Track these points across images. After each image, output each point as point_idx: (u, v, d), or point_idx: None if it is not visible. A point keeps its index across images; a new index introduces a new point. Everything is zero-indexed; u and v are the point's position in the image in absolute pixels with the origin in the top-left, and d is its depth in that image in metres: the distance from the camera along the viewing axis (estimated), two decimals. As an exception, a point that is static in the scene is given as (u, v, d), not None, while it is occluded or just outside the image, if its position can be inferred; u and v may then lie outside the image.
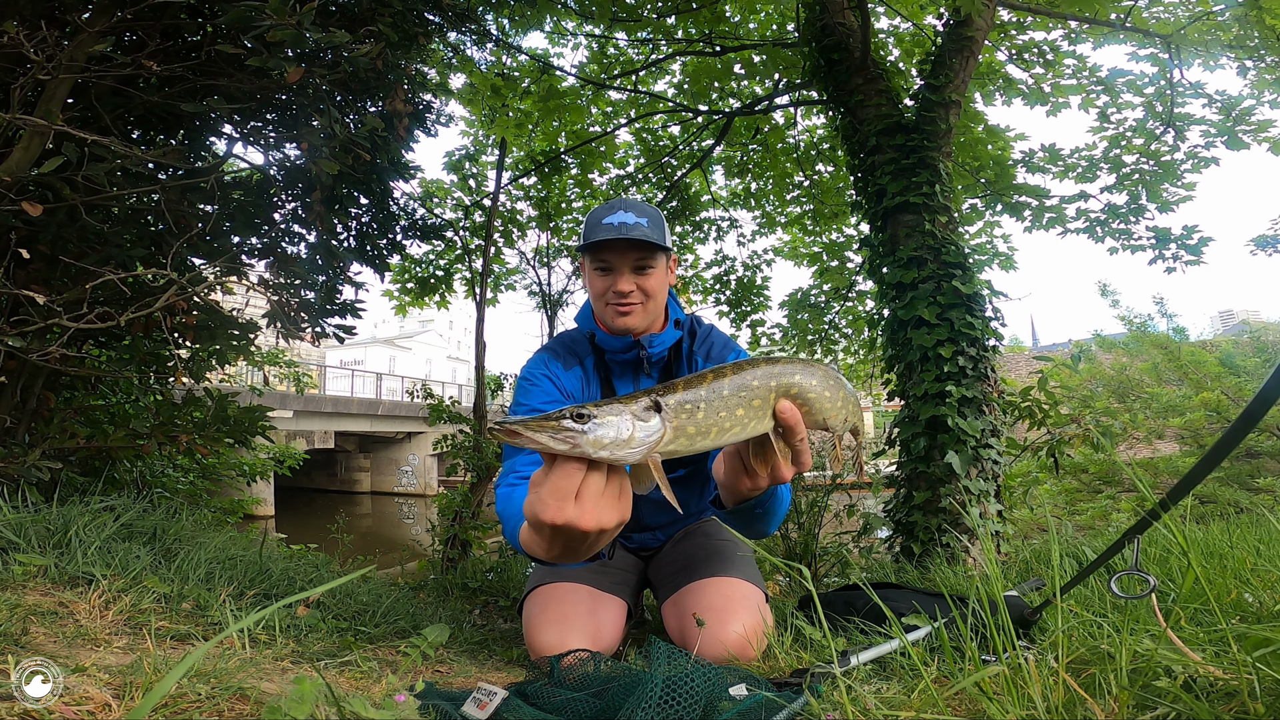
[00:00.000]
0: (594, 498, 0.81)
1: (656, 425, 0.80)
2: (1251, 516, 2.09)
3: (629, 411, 0.79)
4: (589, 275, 1.55)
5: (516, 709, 0.92)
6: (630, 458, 0.79)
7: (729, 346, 1.69)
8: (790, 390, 0.91)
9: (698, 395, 0.84)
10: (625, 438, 0.78)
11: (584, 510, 0.81)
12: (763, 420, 0.90)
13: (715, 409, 0.84)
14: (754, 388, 0.88)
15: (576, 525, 0.81)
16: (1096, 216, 5.14)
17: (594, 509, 0.81)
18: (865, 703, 0.81)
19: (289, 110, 2.68)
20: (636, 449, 0.79)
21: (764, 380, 0.89)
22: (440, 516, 4.43)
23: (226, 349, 2.68)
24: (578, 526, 0.81)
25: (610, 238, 1.45)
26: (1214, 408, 7.41)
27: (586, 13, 5.02)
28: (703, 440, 0.84)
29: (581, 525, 0.81)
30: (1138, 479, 1.29)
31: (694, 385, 0.84)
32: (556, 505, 0.80)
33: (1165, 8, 4.78)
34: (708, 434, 0.84)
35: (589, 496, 0.81)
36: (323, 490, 23.25)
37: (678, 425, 0.82)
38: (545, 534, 0.85)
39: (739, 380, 0.87)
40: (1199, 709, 0.65)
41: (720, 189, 7.15)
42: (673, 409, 0.82)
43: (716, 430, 0.85)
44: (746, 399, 0.87)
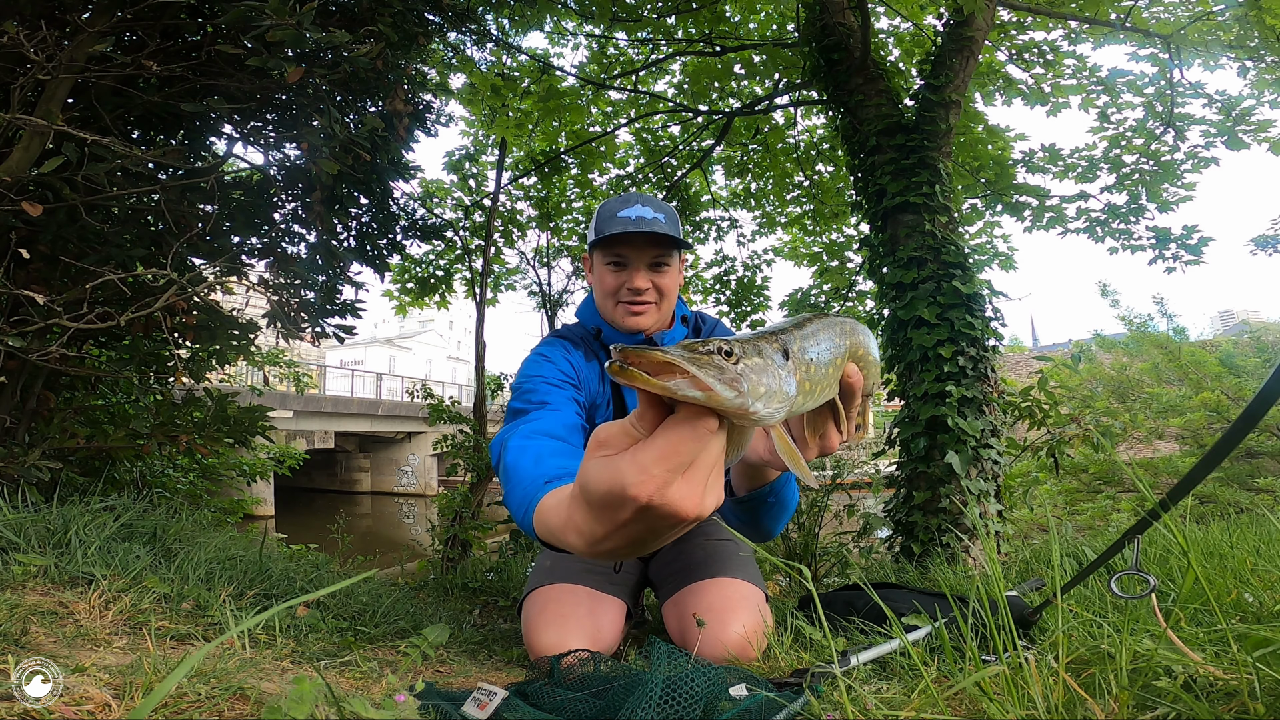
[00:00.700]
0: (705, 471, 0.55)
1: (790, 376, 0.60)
2: (1251, 516, 2.09)
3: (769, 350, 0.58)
4: (599, 271, 1.47)
5: (516, 709, 0.92)
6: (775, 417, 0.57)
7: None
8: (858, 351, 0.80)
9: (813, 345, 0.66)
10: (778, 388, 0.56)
11: (692, 489, 0.54)
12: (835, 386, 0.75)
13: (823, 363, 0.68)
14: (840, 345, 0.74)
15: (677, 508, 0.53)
16: (1096, 216, 5.14)
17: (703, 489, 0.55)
18: (865, 703, 0.81)
19: (289, 110, 2.68)
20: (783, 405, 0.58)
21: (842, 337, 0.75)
22: (440, 516, 4.44)
23: (226, 349, 2.68)
24: (678, 510, 0.54)
25: (628, 231, 1.37)
26: (1214, 408, 7.41)
27: (586, 13, 5.02)
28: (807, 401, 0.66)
29: (684, 509, 0.54)
30: (1138, 479, 1.30)
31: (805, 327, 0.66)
32: (663, 477, 0.52)
33: (1165, 8, 4.78)
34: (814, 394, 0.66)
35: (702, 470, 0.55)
36: (323, 490, 23.25)
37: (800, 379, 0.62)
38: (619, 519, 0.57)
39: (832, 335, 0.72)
40: (1199, 709, 0.65)
41: (720, 189, 7.15)
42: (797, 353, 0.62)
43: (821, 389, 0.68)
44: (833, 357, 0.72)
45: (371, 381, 25.47)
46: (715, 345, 0.53)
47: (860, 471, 4.61)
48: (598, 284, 1.50)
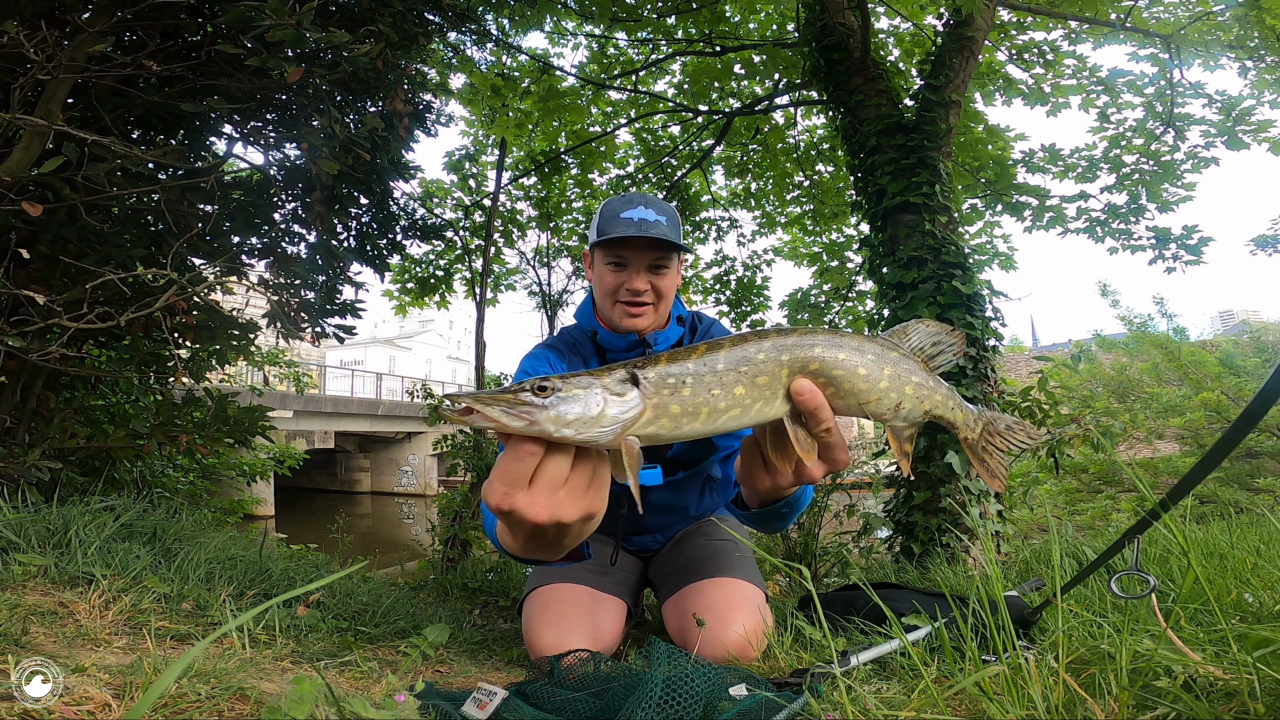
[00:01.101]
0: (550, 485, 0.68)
1: (634, 401, 0.68)
2: (1251, 516, 2.09)
3: (600, 384, 0.67)
4: (599, 270, 1.48)
5: (516, 709, 0.92)
6: (600, 439, 0.67)
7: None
8: (809, 365, 0.75)
9: (685, 368, 0.71)
10: (594, 415, 0.66)
11: (535, 500, 0.68)
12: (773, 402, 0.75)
13: (706, 384, 0.71)
14: (759, 361, 0.73)
15: (525, 515, 0.68)
16: (1096, 216, 5.14)
17: (548, 499, 0.68)
18: (865, 703, 0.81)
19: (289, 110, 2.68)
20: (607, 429, 0.66)
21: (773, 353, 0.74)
22: (440, 516, 4.43)
23: (226, 349, 2.68)
24: (527, 517, 0.68)
25: (630, 234, 1.39)
26: (1214, 408, 7.41)
27: (586, 13, 5.02)
28: (691, 422, 0.71)
29: (531, 516, 0.68)
30: (1138, 479, 1.30)
31: (681, 358, 0.72)
32: (504, 490, 0.68)
33: (1165, 8, 4.78)
34: (696, 415, 0.71)
35: (545, 484, 0.68)
36: (323, 490, 23.24)
37: (659, 403, 0.69)
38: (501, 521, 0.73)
39: (739, 352, 0.73)
40: (1199, 709, 0.65)
41: (720, 189, 7.15)
42: (653, 383, 0.69)
43: (708, 411, 0.71)
44: (749, 375, 0.72)
45: (371, 381, 25.47)
46: (531, 383, 0.65)
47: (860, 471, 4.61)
48: (597, 283, 1.51)
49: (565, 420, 0.65)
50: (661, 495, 1.66)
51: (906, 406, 0.80)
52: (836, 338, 0.77)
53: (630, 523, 1.74)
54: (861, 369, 0.77)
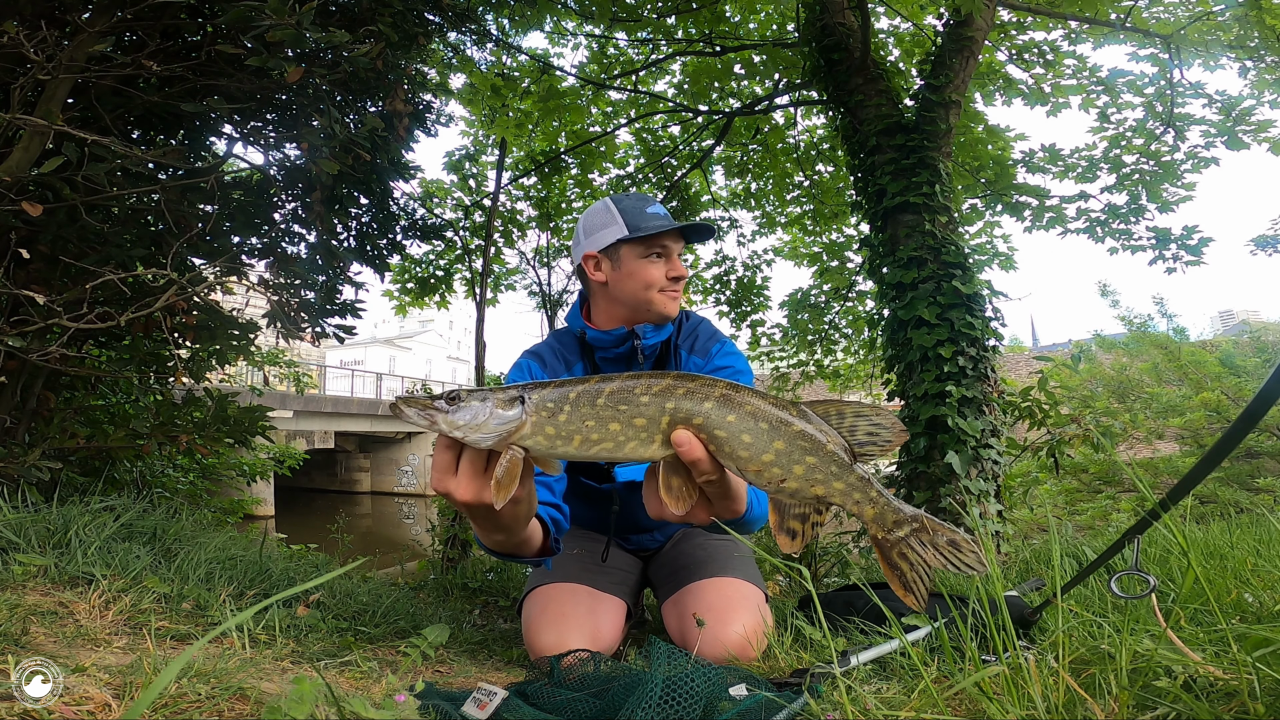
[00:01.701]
0: (469, 472, 0.86)
1: (515, 415, 0.80)
2: (1251, 516, 2.09)
3: (494, 399, 0.81)
4: (636, 265, 1.52)
5: (516, 709, 0.92)
6: (481, 442, 0.81)
7: (714, 337, 1.66)
8: (692, 418, 0.77)
9: (564, 395, 0.80)
10: (479, 422, 0.80)
11: (460, 483, 0.86)
12: (649, 445, 0.79)
13: (581, 415, 0.79)
14: (640, 403, 0.78)
15: (456, 496, 0.87)
16: (1096, 216, 5.14)
17: (469, 484, 0.86)
18: (865, 703, 0.81)
19: (289, 110, 2.68)
20: (488, 435, 0.80)
21: (656, 400, 0.77)
22: (440, 516, 4.43)
23: (226, 349, 2.68)
24: (457, 498, 0.87)
25: (667, 227, 1.49)
26: (1214, 408, 7.41)
27: (586, 13, 5.02)
28: (564, 445, 0.80)
29: (459, 496, 0.87)
30: (1138, 479, 1.30)
31: (567, 385, 0.81)
32: (438, 476, 0.88)
33: (1165, 8, 4.78)
34: (570, 440, 0.80)
35: (465, 471, 0.86)
36: (323, 490, 23.24)
37: (536, 422, 0.80)
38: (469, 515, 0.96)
39: (622, 391, 0.78)
40: (1199, 709, 0.65)
41: (720, 189, 7.15)
42: (534, 404, 0.80)
43: (580, 439, 0.80)
44: (626, 415, 0.78)
45: (371, 381, 25.49)
46: (446, 394, 0.82)
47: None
48: (632, 278, 1.53)
49: (456, 425, 0.81)
50: None
51: (792, 485, 0.78)
52: (736, 397, 0.77)
53: (627, 520, 1.74)
54: (746, 435, 0.76)
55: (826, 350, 6.85)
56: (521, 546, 1.15)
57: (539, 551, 1.24)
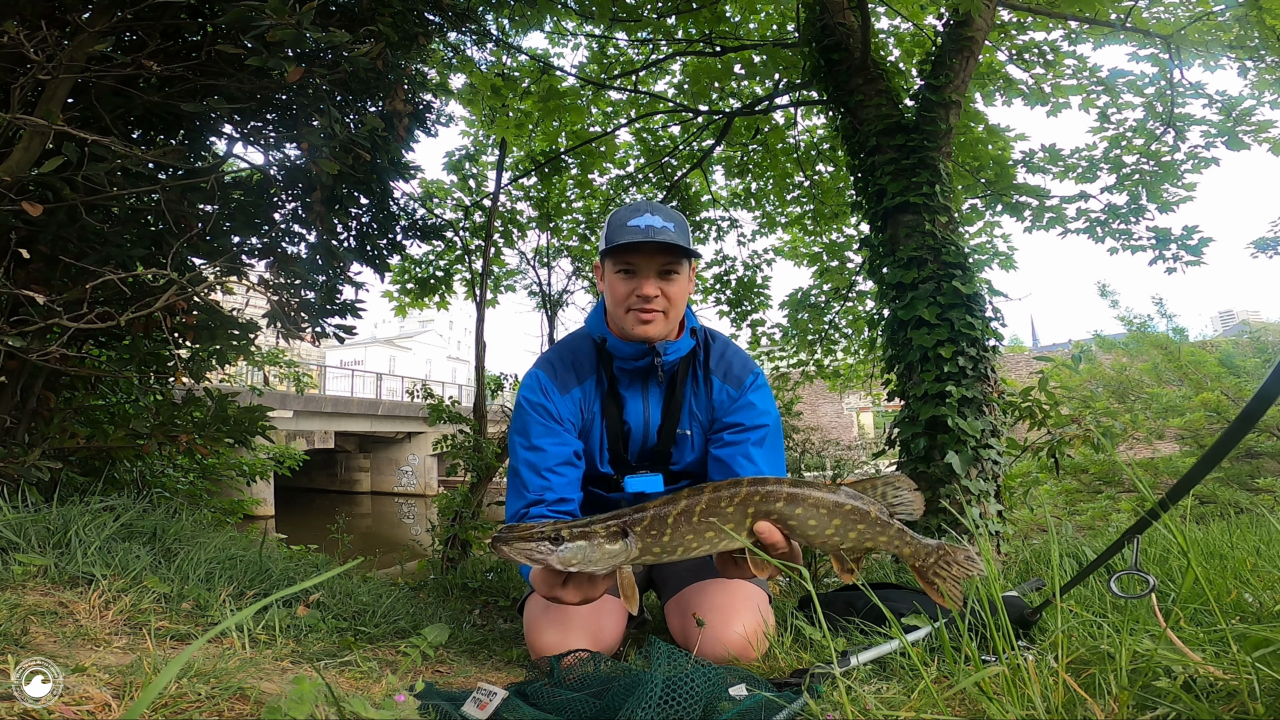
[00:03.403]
0: (577, 585, 1.06)
1: (621, 548, 0.97)
2: (1251, 516, 2.08)
3: (599, 537, 0.96)
4: (610, 279, 1.49)
5: (516, 709, 0.92)
6: (597, 571, 0.98)
7: (748, 368, 1.61)
8: (770, 515, 0.98)
9: (663, 520, 0.97)
10: (592, 558, 0.97)
11: (568, 592, 1.08)
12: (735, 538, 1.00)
13: (681, 532, 0.97)
14: (727, 513, 0.97)
15: (565, 600, 1.08)
16: (1096, 216, 5.14)
17: (577, 590, 1.06)
18: (865, 703, 0.81)
19: (289, 110, 2.68)
20: (601, 566, 0.97)
21: (740, 508, 0.98)
22: (440, 516, 4.43)
23: (226, 349, 2.68)
24: (567, 600, 1.08)
25: (638, 240, 1.40)
26: (1214, 408, 7.41)
27: (586, 13, 5.02)
28: (669, 556, 0.99)
29: (568, 600, 1.08)
30: (1138, 479, 1.29)
31: (663, 508, 0.97)
32: (546, 588, 1.07)
33: (1165, 8, 4.78)
34: (673, 552, 0.98)
35: (573, 585, 1.06)
36: (323, 490, 23.24)
37: (644, 546, 0.97)
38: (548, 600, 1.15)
39: (710, 507, 0.97)
40: (1199, 709, 0.65)
41: (720, 189, 7.15)
42: (639, 534, 0.97)
43: (683, 549, 0.99)
44: (717, 523, 0.98)
45: (371, 381, 25.47)
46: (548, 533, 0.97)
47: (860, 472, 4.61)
48: (609, 292, 1.51)
49: (569, 561, 0.97)
50: None
51: (849, 546, 1.03)
52: (798, 494, 0.99)
53: None
54: (811, 520, 1.00)
55: (826, 350, 6.85)
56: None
57: None
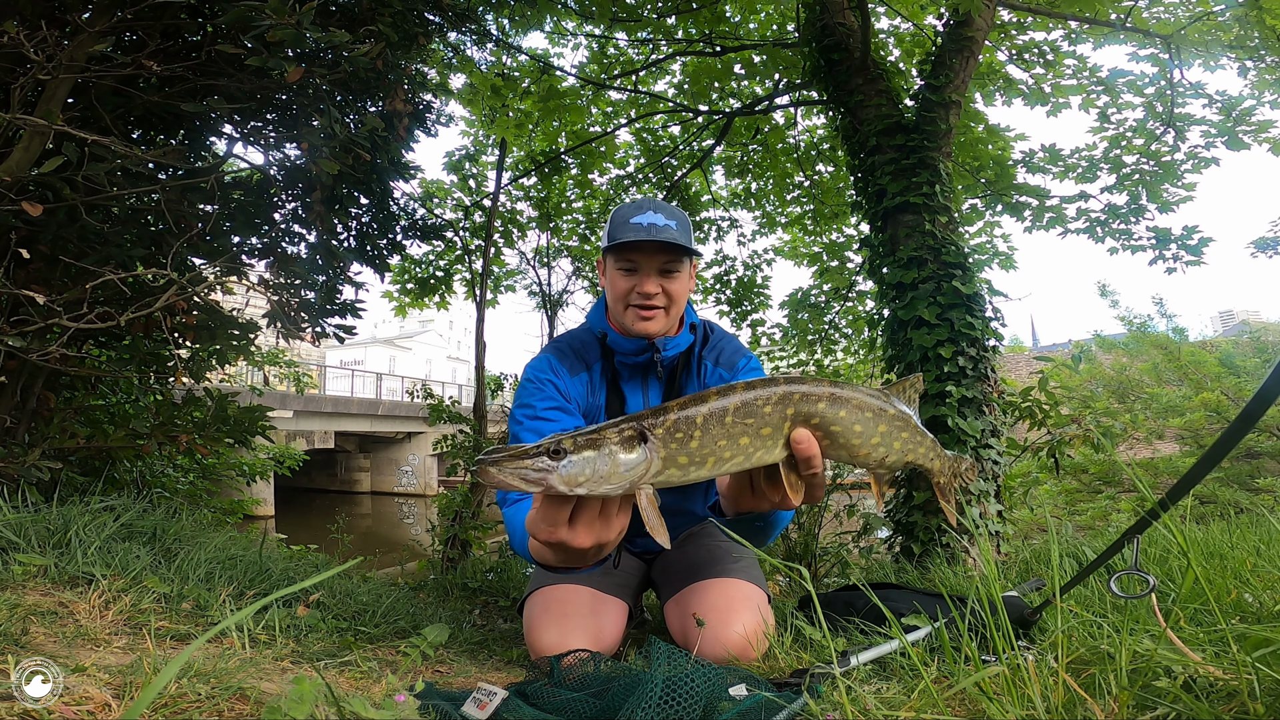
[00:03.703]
0: (588, 520, 0.83)
1: (640, 457, 0.75)
2: (1251, 517, 2.08)
3: (610, 443, 0.74)
4: (611, 275, 1.50)
5: (516, 709, 0.92)
6: (612, 492, 0.76)
7: (740, 352, 1.63)
8: (811, 419, 0.81)
9: (693, 421, 0.76)
10: (604, 472, 0.74)
11: (577, 532, 0.84)
12: (774, 450, 0.81)
13: (714, 437, 0.76)
14: (765, 414, 0.78)
15: (572, 544, 0.85)
16: (1096, 216, 5.14)
17: (588, 530, 0.84)
18: (865, 703, 0.81)
19: (289, 110, 2.68)
20: (616, 483, 0.75)
21: (779, 405, 0.79)
22: (440, 516, 4.43)
23: (226, 349, 2.68)
24: (574, 545, 0.85)
25: (639, 239, 1.41)
26: (1214, 408, 7.41)
27: (586, 13, 5.02)
28: (698, 470, 0.78)
29: (577, 544, 0.85)
30: (1138, 479, 1.30)
31: (690, 407, 0.77)
32: (549, 529, 0.84)
33: (1165, 8, 4.78)
34: (704, 464, 0.78)
35: (583, 520, 0.83)
36: (323, 490, 23.23)
37: (667, 455, 0.76)
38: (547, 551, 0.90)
39: (747, 404, 0.77)
40: (1199, 709, 0.65)
41: (720, 189, 7.15)
42: (661, 437, 0.75)
43: (714, 460, 0.78)
44: (755, 426, 0.78)
45: (371, 381, 25.46)
46: (548, 445, 0.73)
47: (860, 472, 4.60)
48: (610, 288, 1.53)
49: (577, 480, 0.73)
50: (668, 498, 1.68)
51: (892, 459, 0.89)
52: (840, 392, 0.83)
53: (632, 527, 1.74)
54: (858, 426, 0.83)
55: (826, 350, 6.85)
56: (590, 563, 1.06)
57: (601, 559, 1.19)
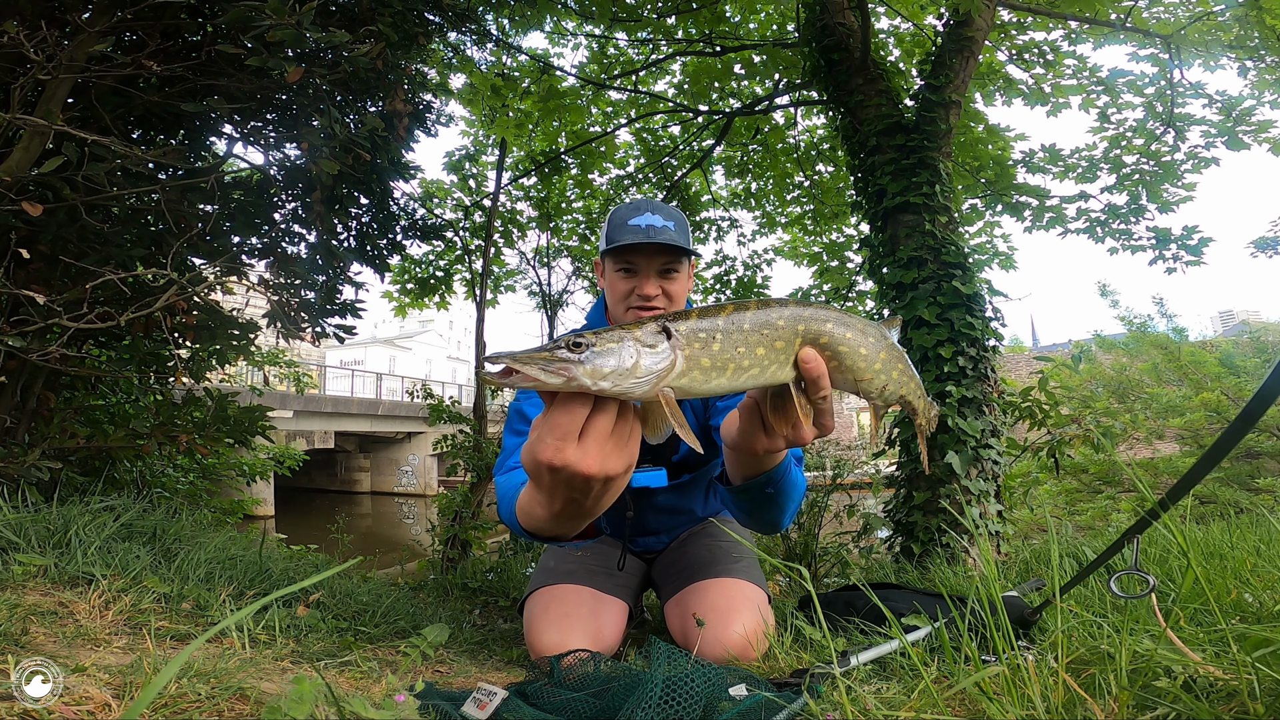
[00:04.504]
0: (599, 439, 0.71)
1: (666, 352, 0.70)
2: (1251, 517, 2.08)
3: (633, 337, 0.70)
4: (610, 277, 1.51)
5: (516, 709, 0.92)
6: (636, 390, 0.69)
7: None
8: (819, 338, 0.81)
9: (715, 324, 0.75)
10: (629, 366, 0.68)
11: (587, 452, 0.70)
12: (785, 367, 0.80)
13: (734, 341, 0.75)
14: (779, 326, 0.78)
15: (577, 469, 0.71)
16: (1096, 216, 5.14)
17: (598, 452, 0.71)
18: (865, 703, 0.81)
19: (289, 110, 2.68)
20: (643, 380, 0.69)
21: (790, 321, 0.79)
22: (440, 516, 4.43)
23: (226, 349, 2.68)
24: (579, 470, 0.71)
25: (638, 241, 1.41)
26: (1214, 408, 7.40)
27: (586, 13, 5.02)
28: (718, 377, 0.75)
29: (583, 469, 0.71)
30: (1138, 479, 1.30)
31: (711, 314, 0.76)
32: (555, 445, 0.70)
33: (1165, 8, 4.78)
34: (724, 370, 0.75)
35: (594, 437, 0.71)
36: (323, 490, 23.24)
37: (690, 355, 0.72)
38: (545, 483, 0.75)
39: (762, 315, 0.78)
40: (1199, 709, 0.65)
41: (720, 189, 7.15)
42: (685, 336, 0.72)
43: (734, 368, 0.75)
44: (769, 338, 0.78)
45: (371, 381, 25.46)
46: (566, 340, 0.67)
47: (860, 471, 4.61)
48: (610, 290, 1.53)
49: (601, 373, 0.67)
50: (667, 498, 1.69)
51: (890, 390, 0.89)
52: (846, 317, 0.84)
53: (636, 524, 1.75)
54: (863, 349, 0.84)
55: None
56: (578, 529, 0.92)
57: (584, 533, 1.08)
